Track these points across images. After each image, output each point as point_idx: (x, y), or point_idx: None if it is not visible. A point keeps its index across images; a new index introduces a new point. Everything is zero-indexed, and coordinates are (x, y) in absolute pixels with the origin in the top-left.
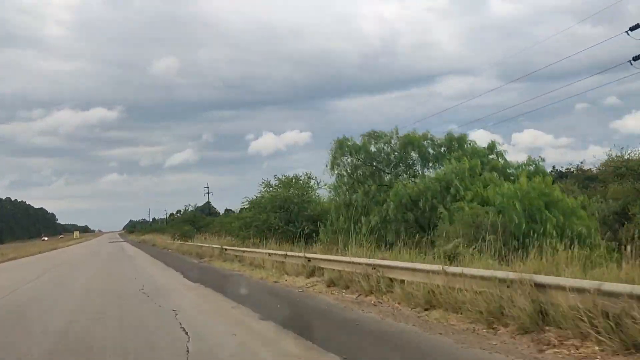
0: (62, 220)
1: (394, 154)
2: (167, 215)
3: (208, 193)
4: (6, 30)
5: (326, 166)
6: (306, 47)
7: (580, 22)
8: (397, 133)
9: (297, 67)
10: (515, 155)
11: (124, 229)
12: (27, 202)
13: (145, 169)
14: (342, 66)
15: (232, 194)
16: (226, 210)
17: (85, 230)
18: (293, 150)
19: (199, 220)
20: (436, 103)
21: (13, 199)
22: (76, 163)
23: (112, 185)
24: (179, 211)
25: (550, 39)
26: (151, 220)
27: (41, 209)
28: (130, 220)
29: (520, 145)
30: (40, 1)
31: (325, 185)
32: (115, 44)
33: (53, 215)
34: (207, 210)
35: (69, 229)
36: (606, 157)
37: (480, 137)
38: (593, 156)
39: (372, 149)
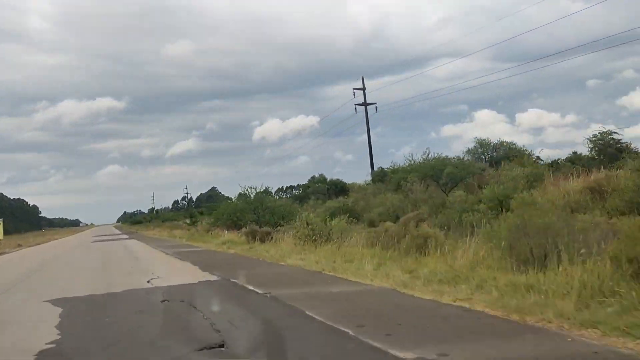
0: (50, 214)
1: None
2: (194, 198)
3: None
4: None
5: None
6: (296, 33)
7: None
8: None
9: (288, 54)
10: (518, 137)
11: (118, 221)
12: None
13: (139, 161)
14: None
15: (234, 184)
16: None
17: (74, 224)
18: (294, 137)
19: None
20: (429, 85)
21: None
22: (67, 158)
23: (105, 178)
24: (183, 197)
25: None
26: (153, 210)
27: (19, 199)
28: (125, 212)
29: (524, 126)
30: None
31: None
32: (102, 36)
33: (35, 207)
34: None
35: (56, 224)
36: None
37: (484, 117)
38: (584, 137)
39: None
